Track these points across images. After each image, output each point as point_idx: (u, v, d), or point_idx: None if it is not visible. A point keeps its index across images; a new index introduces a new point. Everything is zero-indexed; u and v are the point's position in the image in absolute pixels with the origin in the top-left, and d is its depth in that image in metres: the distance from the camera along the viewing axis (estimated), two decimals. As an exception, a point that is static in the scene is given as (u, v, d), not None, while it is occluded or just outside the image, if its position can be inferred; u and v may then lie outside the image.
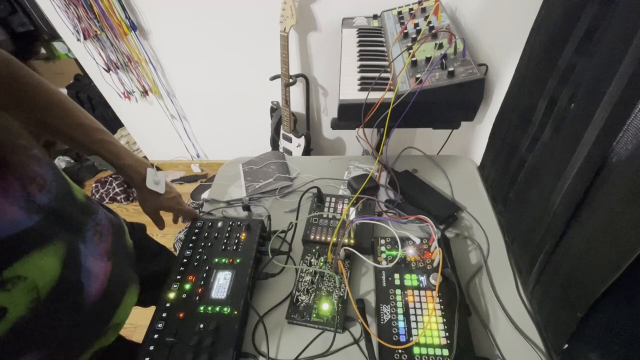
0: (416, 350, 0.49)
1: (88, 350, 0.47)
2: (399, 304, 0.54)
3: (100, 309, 0.48)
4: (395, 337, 0.51)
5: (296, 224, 0.69)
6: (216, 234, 0.65)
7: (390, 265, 0.59)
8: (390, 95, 0.78)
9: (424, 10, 1.04)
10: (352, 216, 0.64)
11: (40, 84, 0.49)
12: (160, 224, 0.69)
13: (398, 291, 0.56)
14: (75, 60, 1.85)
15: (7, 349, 0.37)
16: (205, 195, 0.82)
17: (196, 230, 0.66)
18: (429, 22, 0.93)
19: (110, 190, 1.97)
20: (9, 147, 0.39)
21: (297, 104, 1.70)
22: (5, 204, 0.36)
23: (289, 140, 1.64)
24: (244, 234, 0.65)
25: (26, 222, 0.38)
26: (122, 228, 0.61)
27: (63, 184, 0.47)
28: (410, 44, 0.90)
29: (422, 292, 0.55)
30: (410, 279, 0.57)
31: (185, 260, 0.61)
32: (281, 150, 1.73)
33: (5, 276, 0.35)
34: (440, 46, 0.83)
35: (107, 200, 1.98)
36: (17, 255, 0.36)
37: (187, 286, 0.58)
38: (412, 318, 0.53)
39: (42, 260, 0.39)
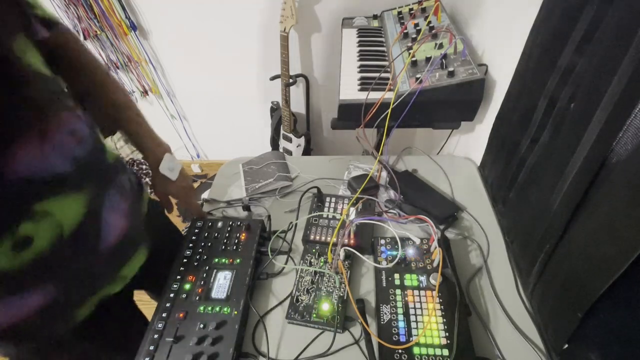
0: (416, 350, 0.49)
1: (97, 293, 0.53)
2: (399, 304, 0.54)
3: (112, 257, 0.54)
4: (395, 337, 0.51)
5: (296, 224, 0.69)
6: (216, 234, 0.65)
7: (390, 265, 0.59)
8: (390, 95, 0.78)
9: (424, 10, 1.04)
10: (352, 216, 0.64)
11: (91, 56, 0.58)
12: (168, 207, 0.71)
13: (398, 291, 0.56)
14: (75, 60, 1.85)
15: (29, 276, 0.43)
16: (205, 195, 0.82)
17: (196, 230, 0.66)
18: (429, 22, 0.93)
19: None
20: (59, 105, 0.45)
21: (297, 104, 1.70)
22: (46, 149, 0.42)
23: (289, 140, 1.64)
24: (244, 234, 0.65)
25: (61, 168, 0.44)
26: (142, 195, 0.64)
27: (98, 142, 0.52)
28: (410, 44, 0.90)
29: (422, 292, 0.55)
30: (410, 279, 0.57)
31: (185, 260, 0.61)
32: (281, 150, 1.73)
33: (36, 209, 0.41)
34: (440, 46, 0.83)
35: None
36: (48, 194, 0.42)
37: (187, 286, 0.58)
38: (412, 318, 0.53)
39: (68, 202, 0.45)
